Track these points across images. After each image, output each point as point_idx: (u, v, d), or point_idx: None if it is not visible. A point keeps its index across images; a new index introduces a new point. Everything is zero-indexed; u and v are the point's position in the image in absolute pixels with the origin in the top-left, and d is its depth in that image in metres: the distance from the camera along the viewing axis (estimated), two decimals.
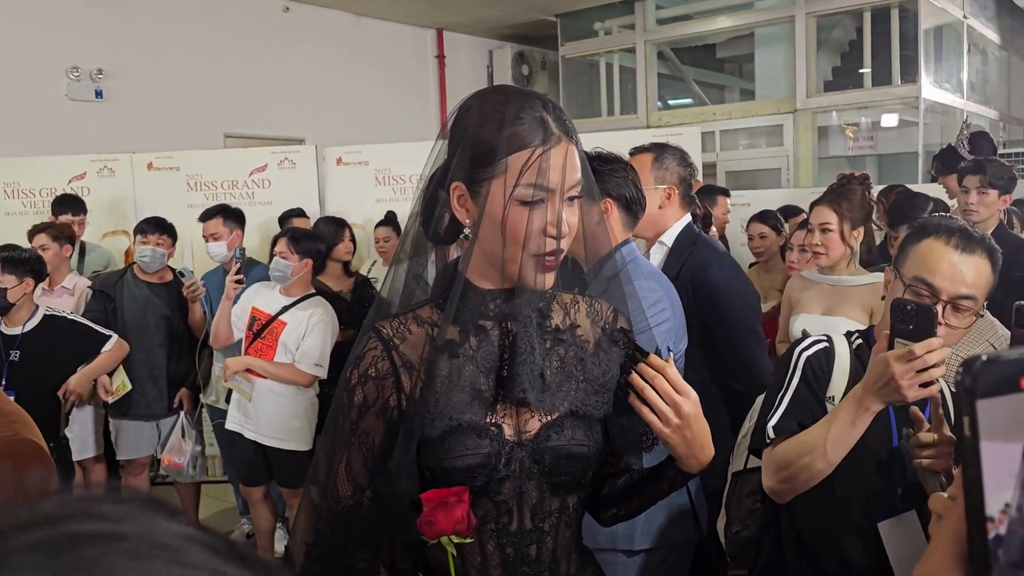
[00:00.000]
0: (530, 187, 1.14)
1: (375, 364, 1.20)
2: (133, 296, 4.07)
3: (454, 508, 1.06)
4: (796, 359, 1.64)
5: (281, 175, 5.60)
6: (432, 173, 1.23)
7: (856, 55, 8.32)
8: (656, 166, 2.50)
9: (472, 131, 1.16)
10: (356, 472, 1.20)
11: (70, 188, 5.46)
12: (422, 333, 1.21)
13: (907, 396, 1.40)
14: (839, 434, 1.46)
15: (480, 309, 1.21)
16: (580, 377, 1.23)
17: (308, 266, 3.55)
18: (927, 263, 1.50)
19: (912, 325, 1.40)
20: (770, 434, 1.59)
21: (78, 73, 6.60)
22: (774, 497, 1.59)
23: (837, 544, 1.59)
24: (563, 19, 9.31)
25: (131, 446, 4.10)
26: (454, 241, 1.26)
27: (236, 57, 7.46)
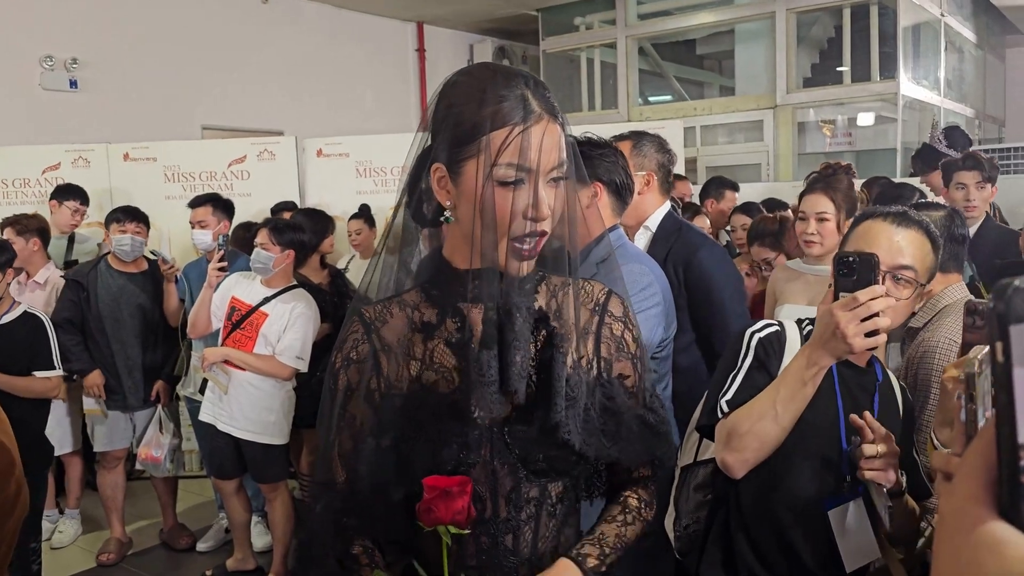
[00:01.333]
0: (510, 167, 1.10)
1: (356, 348, 1.20)
2: (107, 286, 4.02)
3: (456, 498, 1.04)
4: (748, 340, 1.65)
5: (261, 167, 5.54)
6: (418, 155, 1.20)
7: (835, 52, 8.37)
8: (635, 153, 2.50)
9: (452, 110, 1.13)
10: (348, 456, 1.19)
11: (44, 179, 5.38)
12: (403, 316, 1.20)
13: (854, 345, 1.39)
14: (789, 393, 1.46)
15: (459, 291, 1.18)
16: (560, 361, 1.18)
17: (290, 257, 3.50)
18: (865, 239, 1.57)
19: (855, 276, 1.41)
20: (723, 408, 1.58)
21: (52, 62, 6.49)
22: (727, 471, 1.57)
23: (785, 534, 1.59)
24: (544, 14, 9.30)
25: (106, 438, 4.05)
26: (438, 225, 1.22)
27: (214, 48, 7.37)
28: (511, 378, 1.13)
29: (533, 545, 1.20)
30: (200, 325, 3.70)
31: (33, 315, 3.38)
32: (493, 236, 1.11)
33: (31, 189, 5.41)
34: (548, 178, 1.13)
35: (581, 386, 1.18)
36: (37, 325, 3.36)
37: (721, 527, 1.68)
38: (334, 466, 1.20)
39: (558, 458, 1.17)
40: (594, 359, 1.24)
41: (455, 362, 1.17)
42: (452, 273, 1.19)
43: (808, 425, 1.52)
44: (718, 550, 1.67)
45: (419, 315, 1.19)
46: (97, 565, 4.05)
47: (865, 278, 1.41)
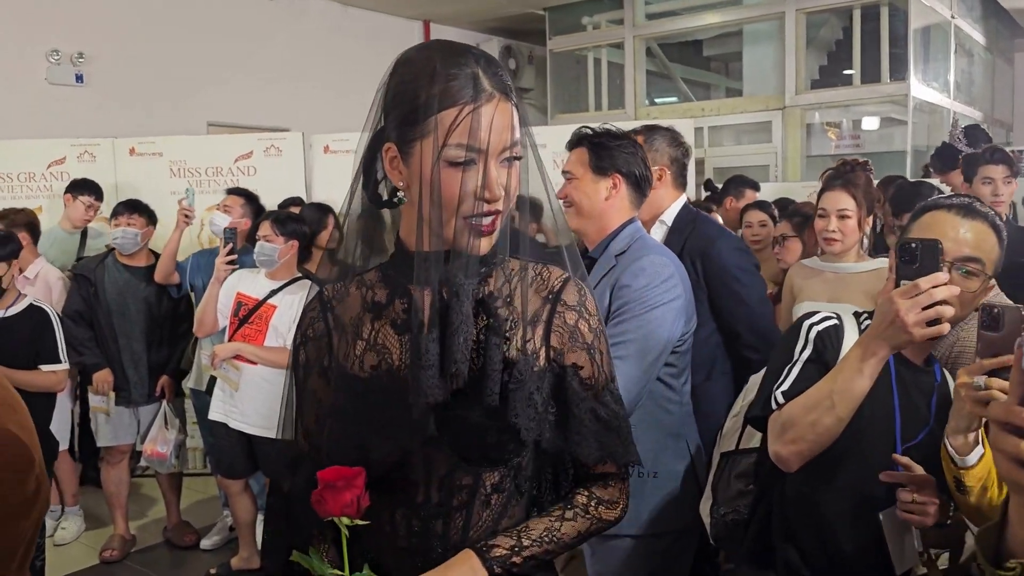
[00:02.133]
0: (460, 147, 1.07)
1: (312, 325, 1.23)
2: (114, 280, 4.01)
3: (343, 491, 1.03)
4: (807, 332, 1.61)
5: (267, 162, 5.50)
6: (371, 136, 1.17)
7: (843, 54, 8.33)
8: (647, 147, 2.47)
9: (402, 88, 1.11)
10: (311, 429, 1.22)
11: (50, 173, 5.35)
12: (358, 295, 1.20)
13: (914, 334, 1.35)
14: (846, 383, 1.42)
15: (408, 272, 1.15)
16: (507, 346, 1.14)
17: (294, 248, 3.47)
18: (931, 231, 1.50)
19: (917, 264, 1.37)
20: (778, 399, 1.54)
21: (58, 57, 6.46)
22: (781, 464, 1.53)
23: (830, 532, 1.56)
24: (551, 13, 9.26)
25: (111, 434, 4.01)
26: (394, 207, 1.21)
27: (220, 44, 7.34)
28: (450, 361, 1.09)
29: (464, 533, 1.17)
30: (207, 322, 3.66)
31: (39, 308, 3.34)
32: (442, 216, 1.08)
33: (36, 183, 5.37)
34: (500, 158, 1.10)
35: (527, 372, 1.13)
36: (43, 318, 3.32)
37: (763, 520, 1.64)
38: (299, 439, 1.24)
39: (494, 447, 1.13)
40: (541, 348, 1.18)
41: (397, 344, 1.15)
42: (404, 254, 1.17)
43: (863, 422, 1.48)
44: (759, 543, 1.63)
45: (372, 295, 1.19)
46: (100, 562, 4.01)
47: (927, 265, 1.36)
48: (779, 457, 1.51)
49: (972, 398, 1.27)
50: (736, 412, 1.98)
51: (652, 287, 1.95)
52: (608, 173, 2.07)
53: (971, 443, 1.36)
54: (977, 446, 1.36)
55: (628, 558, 2.03)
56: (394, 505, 1.17)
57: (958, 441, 1.36)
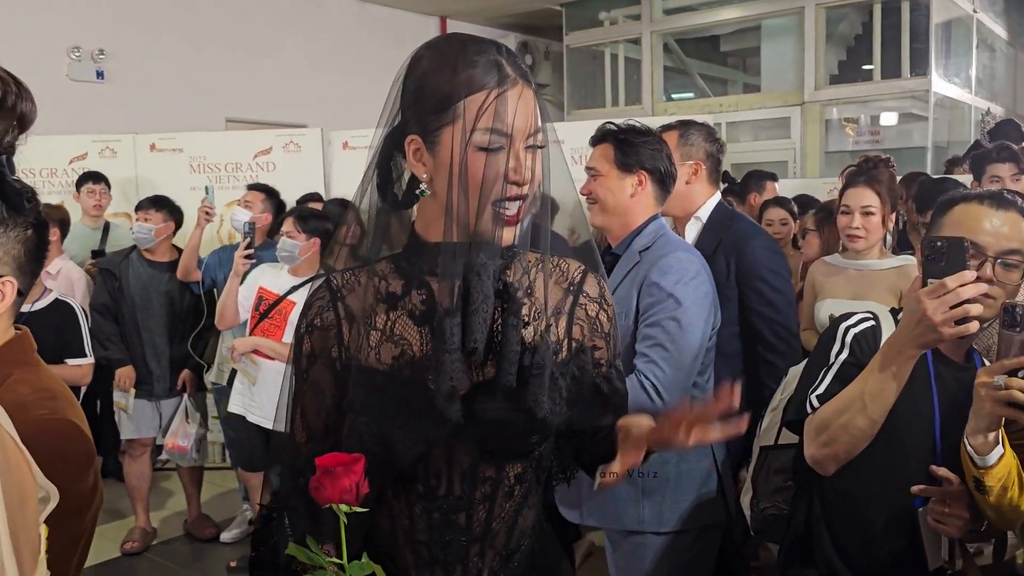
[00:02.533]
0: (487, 132, 1.07)
1: (320, 314, 1.18)
2: (137, 274, 4.06)
3: (341, 477, 1.00)
4: (843, 335, 1.60)
5: (286, 158, 5.53)
6: (386, 134, 1.16)
7: (863, 49, 8.26)
8: (682, 142, 2.46)
9: (425, 79, 1.10)
10: (311, 420, 1.19)
11: (71, 168, 5.40)
12: (370, 285, 1.17)
13: (943, 333, 1.34)
14: (877, 384, 1.42)
15: (427, 264, 1.15)
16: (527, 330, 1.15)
17: (316, 245, 3.46)
18: (965, 225, 1.47)
19: (943, 262, 1.36)
20: (813, 403, 1.54)
21: (79, 53, 6.51)
22: (817, 468, 1.53)
23: (868, 529, 1.56)
24: (568, 8, 9.24)
25: (133, 427, 4.05)
26: (413, 204, 1.19)
27: (239, 41, 7.37)
28: (469, 340, 1.09)
29: (486, 524, 1.17)
30: (228, 316, 3.68)
31: (64, 302, 3.37)
32: (473, 204, 1.08)
33: (58, 179, 5.42)
34: (525, 144, 1.10)
35: (547, 356, 1.13)
36: (68, 312, 3.35)
37: (804, 516, 1.64)
38: (295, 428, 1.20)
39: (518, 439, 1.14)
40: (565, 340, 1.20)
41: (416, 335, 1.14)
42: (423, 246, 1.16)
43: (902, 421, 1.47)
44: (799, 537, 1.63)
45: (385, 285, 1.17)
46: (122, 554, 4.05)
47: (954, 263, 1.35)
48: (815, 460, 1.51)
49: (993, 397, 1.27)
50: (775, 406, 1.97)
51: (682, 284, 1.94)
52: (634, 170, 2.06)
53: (991, 443, 1.35)
54: (997, 446, 1.35)
55: (651, 555, 2.03)
56: (413, 498, 1.16)
57: (978, 441, 1.35)
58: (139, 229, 4.02)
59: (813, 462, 1.52)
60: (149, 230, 4.01)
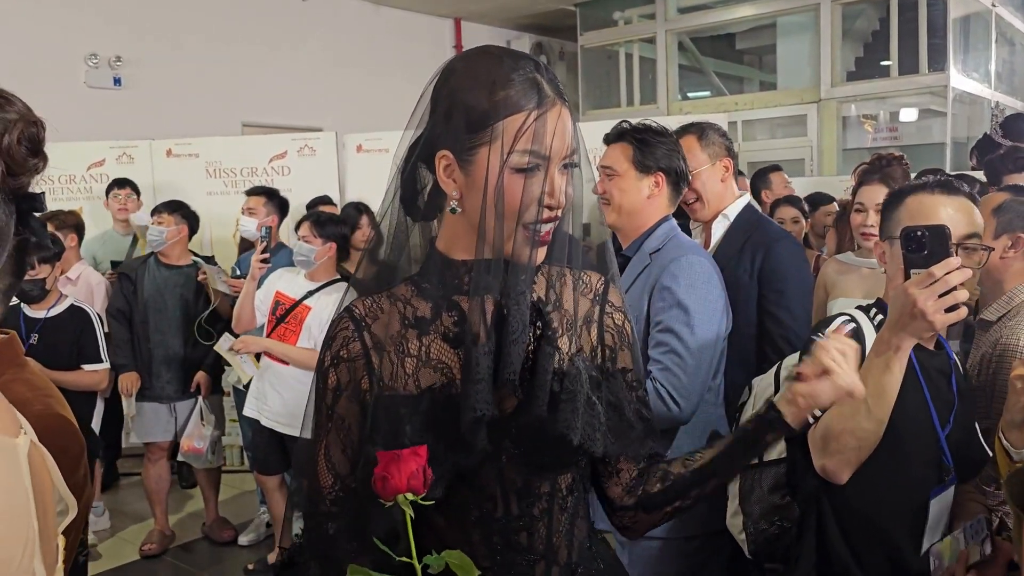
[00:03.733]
0: (525, 154, 1.05)
1: (346, 346, 1.13)
2: (152, 278, 4.09)
3: (408, 460, 0.97)
4: None
5: (301, 162, 5.55)
6: (411, 144, 1.13)
7: (880, 45, 8.19)
8: (704, 143, 2.45)
9: (460, 95, 1.07)
10: (336, 460, 1.12)
11: (89, 174, 5.46)
12: (394, 311, 1.13)
13: (935, 323, 1.34)
14: (877, 382, 1.40)
15: (454, 283, 1.12)
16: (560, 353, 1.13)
17: (332, 250, 3.48)
18: (923, 214, 1.49)
19: (926, 251, 1.35)
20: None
21: (96, 60, 6.58)
22: (830, 478, 1.51)
23: (884, 530, 1.54)
24: (582, 9, 9.23)
25: (146, 429, 4.09)
26: (435, 216, 1.17)
27: (254, 46, 7.42)
28: (506, 372, 1.07)
29: (548, 541, 1.15)
30: (244, 319, 3.70)
31: (80, 308, 3.41)
32: (509, 225, 1.06)
33: (76, 185, 5.49)
34: (561, 164, 1.08)
35: (580, 379, 1.11)
36: (84, 318, 3.39)
37: (814, 531, 1.61)
38: (319, 470, 1.13)
39: (563, 451, 1.11)
40: (598, 347, 1.19)
41: (455, 358, 1.11)
42: (447, 265, 1.13)
43: (898, 418, 1.46)
44: (812, 553, 1.60)
45: (412, 309, 1.13)
46: (140, 557, 4.09)
47: (938, 252, 1.35)
48: (826, 471, 1.49)
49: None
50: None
51: (693, 288, 1.93)
52: (652, 171, 2.04)
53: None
54: None
55: (659, 561, 2.01)
56: (469, 526, 1.13)
57: (1014, 435, 1.34)
58: (152, 232, 4.06)
59: (825, 473, 1.50)
60: (161, 232, 4.05)
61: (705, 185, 2.45)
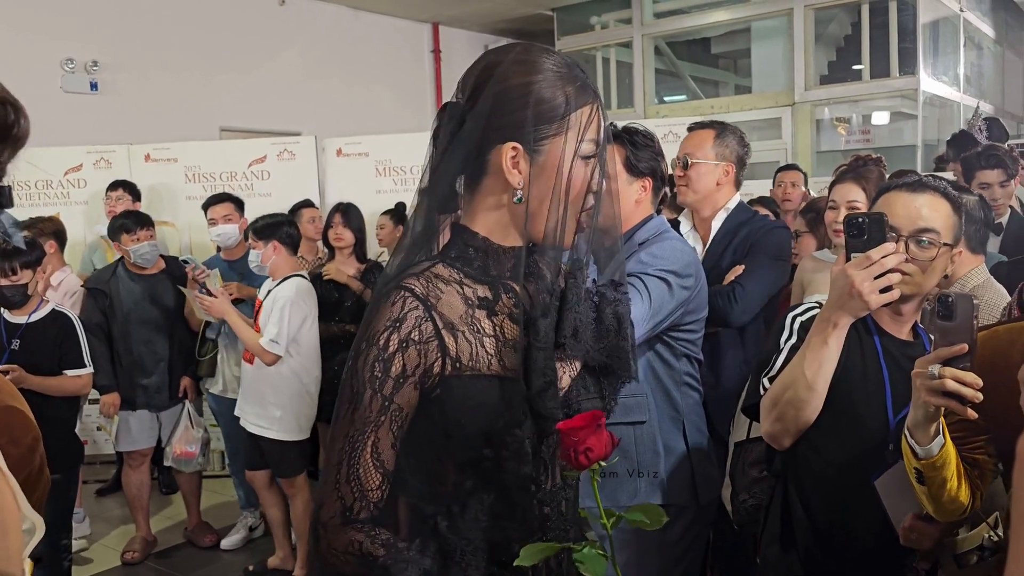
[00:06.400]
0: (592, 142, 1.13)
1: (419, 327, 1.06)
2: (129, 290, 4.04)
3: (602, 431, 1.02)
4: (791, 323, 1.71)
5: (281, 166, 5.56)
6: (450, 141, 1.13)
7: (852, 49, 8.32)
8: (717, 143, 2.57)
9: (525, 89, 1.11)
10: (385, 456, 1.05)
11: (66, 180, 5.43)
12: (452, 291, 1.11)
13: (870, 302, 1.47)
14: (815, 355, 1.52)
15: (502, 268, 1.15)
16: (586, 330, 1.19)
17: (277, 250, 3.63)
18: (883, 210, 1.59)
19: (866, 236, 1.47)
20: (766, 385, 1.65)
21: (73, 65, 6.53)
22: (772, 443, 1.63)
23: (839, 506, 1.63)
24: (560, 13, 9.29)
25: (131, 438, 4.06)
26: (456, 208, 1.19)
27: (232, 50, 7.40)
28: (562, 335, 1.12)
29: (575, 507, 1.20)
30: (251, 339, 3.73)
31: (62, 313, 3.40)
32: (570, 209, 1.12)
33: (53, 190, 5.45)
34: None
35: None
36: (66, 323, 3.37)
37: (779, 502, 1.69)
38: (364, 471, 1.04)
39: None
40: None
41: (519, 336, 1.13)
42: (496, 250, 1.15)
43: (858, 399, 1.56)
44: (777, 523, 1.69)
45: (471, 291, 1.12)
46: (122, 563, 4.07)
47: (875, 237, 1.46)
48: (769, 435, 1.62)
49: (927, 387, 1.31)
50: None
51: (672, 260, 1.99)
52: (642, 175, 2.10)
53: (932, 434, 1.37)
54: (938, 437, 1.38)
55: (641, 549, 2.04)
56: (526, 496, 1.13)
57: (918, 432, 1.38)
58: (152, 249, 4.04)
59: (768, 437, 1.62)
60: (156, 247, 4.07)
61: (699, 178, 2.57)
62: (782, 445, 1.61)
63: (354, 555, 1.03)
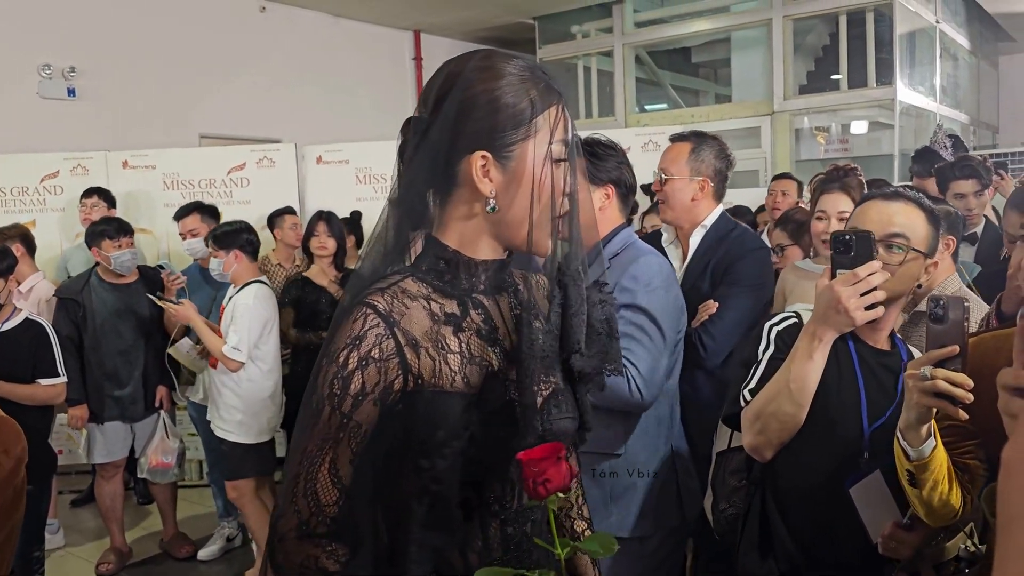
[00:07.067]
0: (562, 143, 1.10)
1: (379, 344, 1.04)
2: (103, 300, 3.98)
3: (562, 463, 1.00)
4: (768, 333, 1.72)
5: (260, 174, 5.53)
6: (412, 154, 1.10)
7: (831, 59, 8.40)
8: (692, 157, 2.52)
9: (489, 96, 1.08)
10: (343, 472, 1.03)
11: (43, 187, 5.37)
12: (418, 307, 1.08)
13: (855, 319, 1.50)
14: (800, 370, 1.54)
15: (472, 281, 1.12)
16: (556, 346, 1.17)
17: (238, 258, 3.66)
18: (859, 218, 1.65)
19: (852, 252, 1.50)
20: (746, 397, 1.66)
21: (50, 71, 6.47)
22: (755, 455, 1.64)
23: (817, 513, 1.63)
24: (541, 22, 9.31)
25: (105, 449, 4.00)
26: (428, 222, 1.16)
27: (212, 56, 7.35)
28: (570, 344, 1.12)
29: (541, 527, 1.17)
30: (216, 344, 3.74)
31: (35, 322, 3.35)
32: (545, 216, 1.10)
33: (29, 197, 5.39)
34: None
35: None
36: (39, 332, 3.33)
37: (758, 509, 1.69)
38: (320, 487, 1.02)
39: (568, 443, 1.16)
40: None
41: (492, 355, 1.11)
42: (466, 264, 1.12)
43: (833, 408, 1.58)
44: (755, 531, 1.69)
45: (438, 306, 1.09)
46: (97, 575, 4.01)
47: (862, 254, 1.49)
48: (751, 448, 1.63)
49: (919, 388, 1.32)
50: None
51: (653, 290, 2.00)
52: (603, 184, 2.10)
53: (923, 436, 1.38)
54: (930, 439, 1.39)
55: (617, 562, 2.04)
56: (487, 520, 1.11)
57: (910, 434, 1.39)
58: (133, 256, 4.01)
59: (750, 449, 1.64)
60: (134, 255, 4.02)
61: (674, 194, 2.54)
62: (764, 457, 1.62)
63: (310, 569, 1.02)
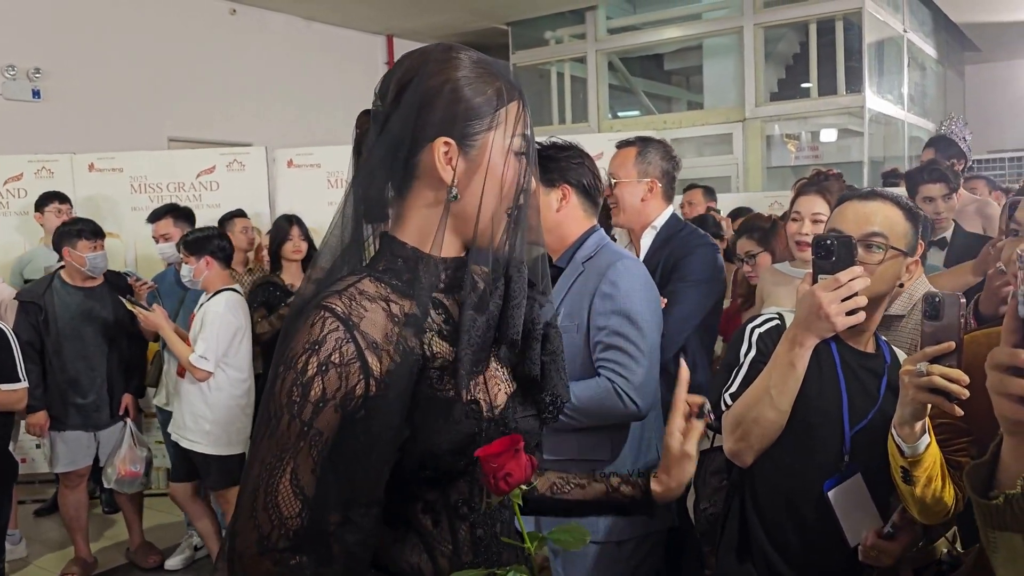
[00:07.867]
0: (522, 137, 1.10)
1: (339, 348, 1.00)
2: (65, 304, 3.87)
3: (520, 455, 0.99)
4: (749, 335, 1.71)
5: (230, 177, 5.45)
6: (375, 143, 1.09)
7: (801, 68, 8.50)
8: (639, 160, 2.59)
9: (452, 85, 1.07)
10: (305, 482, 0.99)
11: (6, 189, 5.26)
12: (377, 308, 1.05)
13: (836, 324, 1.49)
14: (781, 376, 1.54)
15: (432, 280, 1.09)
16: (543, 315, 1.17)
17: (208, 264, 3.60)
18: (836, 219, 1.65)
19: (834, 258, 1.50)
20: (727, 401, 1.65)
21: (14, 72, 6.35)
22: (735, 460, 1.63)
23: (795, 516, 1.63)
24: (514, 28, 9.33)
25: (69, 458, 3.89)
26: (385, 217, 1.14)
27: (181, 59, 7.27)
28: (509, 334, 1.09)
29: (511, 527, 1.16)
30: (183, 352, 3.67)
31: None
32: (503, 209, 1.09)
33: None
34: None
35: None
36: None
37: (737, 511, 1.69)
38: (282, 499, 0.99)
39: (532, 443, 1.15)
40: None
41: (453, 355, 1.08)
42: (423, 261, 1.09)
43: (813, 410, 1.57)
44: (734, 533, 1.68)
45: (398, 307, 1.06)
46: None
47: (843, 259, 1.49)
48: (732, 453, 1.62)
49: (915, 384, 1.32)
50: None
51: (634, 292, 2.00)
52: (557, 184, 2.10)
53: (918, 433, 1.39)
54: (924, 435, 1.39)
55: (594, 565, 2.03)
56: (456, 522, 1.10)
57: (905, 431, 1.39)
58: (104, 259, 3.93)
59: (731, 455, 1.62)
60: (105, 257, 3.95)
61: (623, 197, 2.61)
62: (745, 463, 1.61)
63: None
